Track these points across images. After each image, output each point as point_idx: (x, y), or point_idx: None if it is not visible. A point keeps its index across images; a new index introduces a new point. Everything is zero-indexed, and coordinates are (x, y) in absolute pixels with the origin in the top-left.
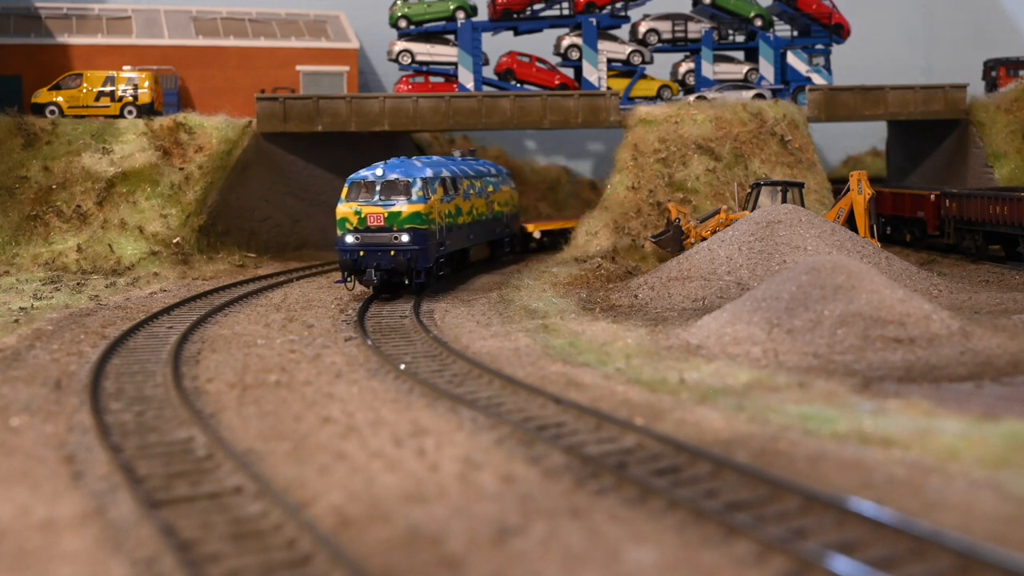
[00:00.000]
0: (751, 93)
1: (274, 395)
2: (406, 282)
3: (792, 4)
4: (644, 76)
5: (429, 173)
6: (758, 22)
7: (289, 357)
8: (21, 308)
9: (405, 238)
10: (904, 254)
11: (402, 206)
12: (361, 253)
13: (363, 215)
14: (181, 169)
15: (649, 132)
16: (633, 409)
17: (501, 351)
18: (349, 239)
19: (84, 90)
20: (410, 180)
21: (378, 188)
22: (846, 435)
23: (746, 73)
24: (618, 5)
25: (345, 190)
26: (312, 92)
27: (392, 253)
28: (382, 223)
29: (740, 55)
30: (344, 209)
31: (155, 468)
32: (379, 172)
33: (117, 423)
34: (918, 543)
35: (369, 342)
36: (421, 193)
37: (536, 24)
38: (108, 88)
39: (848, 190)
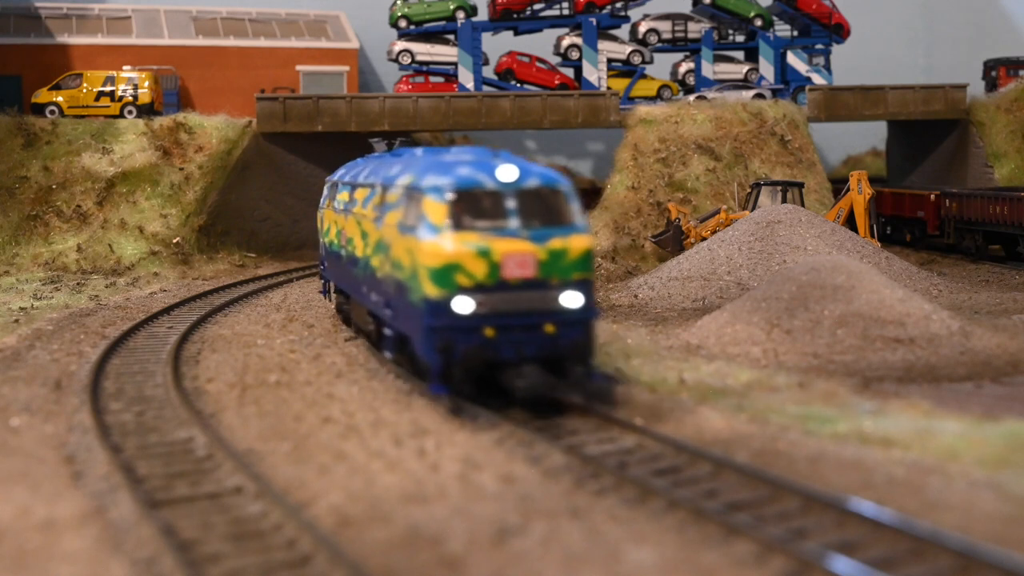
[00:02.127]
0: (751, 93)
1: (274, 395)
2: (563, 378)
3: (792, 4)
4: (644, 76)
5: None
6: (758, 22)
7: (289, 357)
8: (21, 308)
9: (574, 299)
10: (904, 254)
11: (567, 239)
12: (490, 333)
13: (496, 259)
14: (181, 169)
15: (649, 132)
16: (633, 409)
17: None
18: (463, 305)
19: (84, 90)
20: (563, 189)
21: (511, 205)
22: (846, 435)
23: (746, 73)
24: (618, 5)
25: (438, 206)
26: (312, 92)
27: (550, 329)
28: (533, 273)
29: (740, 55)
30: (451, 246)
31: (155, 468)
32: (508, 173)
33: (117, 423)
34: (918, 543)
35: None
36: (584, 214)
37: (536, 24)
38: (108, 88)
39: (848, 190)
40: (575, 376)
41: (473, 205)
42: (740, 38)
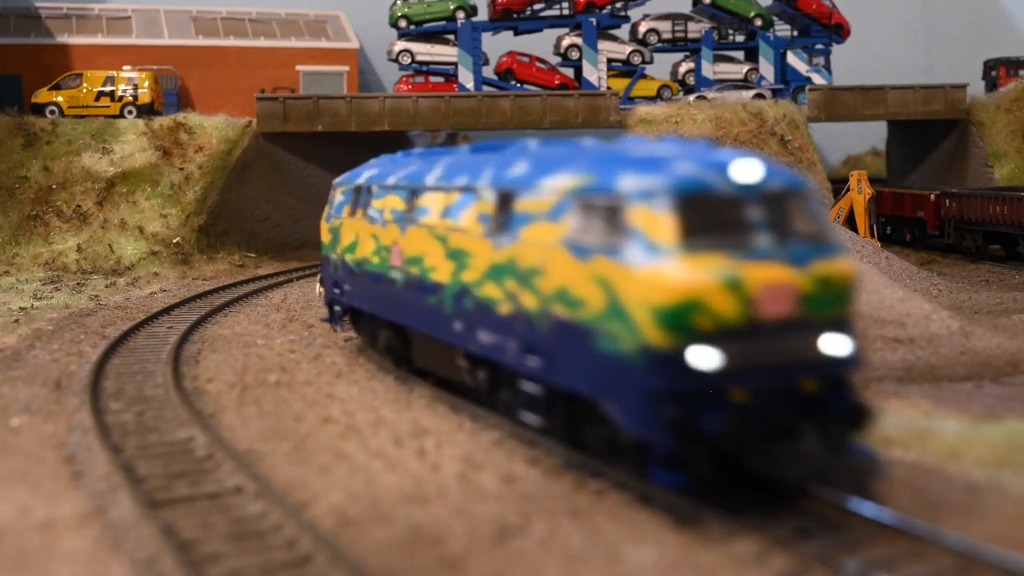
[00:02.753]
0: (751, 93)
1: (274, 395)
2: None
3: (792, 4)
4: (644, 76)
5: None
6: (758, 22)
7: (289, 357)
8: (21, 308)
9: (840, 344)
10: (904, 254)
11: (830, 262)
12: (739, 397)
13: (750, 292)
14: (181, 169)
15: (649, 132)
16: None
17: None
18: (706, 359)
19: (84, 90)
20: (811, 193)
21: (757, 215)
22: None
23: (746, 73)
24: (618, 5)
25: (659, 218)
26: (312, 92)
27: (810, 387)
28: (793, 310)
29: (740, 55)
30: (688, 275)
31: (155, 468)
32: (747, 171)
33: (117, 423)
34: (918, 543)
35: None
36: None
37: (536, 24)
38: (108, 88)
39: (848, 190)
40: (837, 448)
41: (707, 216)
42: (740, 38)
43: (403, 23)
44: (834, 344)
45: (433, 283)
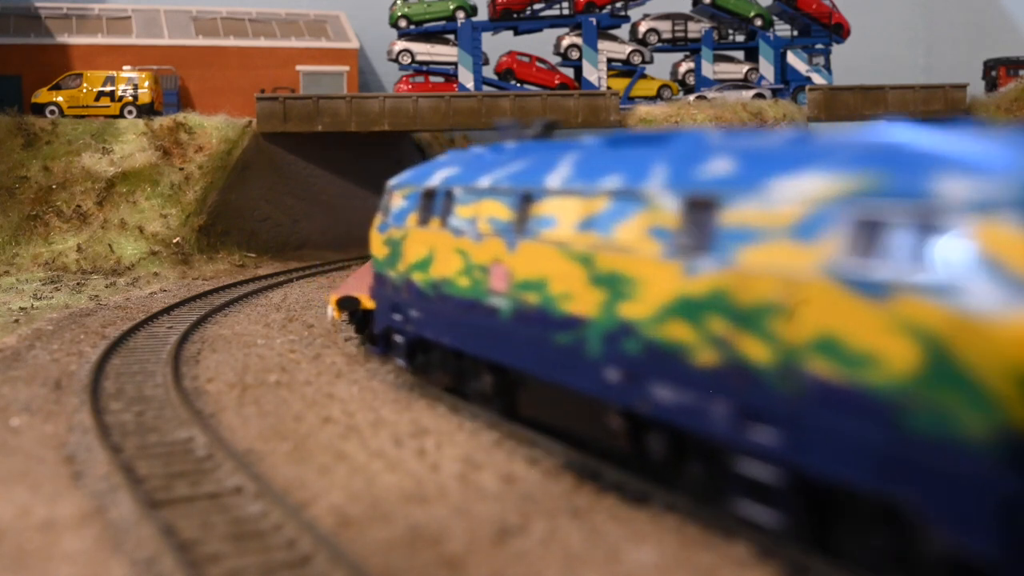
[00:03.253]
0: (751, 93)
1: (274, 395)
2: None
3: (792, 4)
4: (644, 76)
5: None
6: (758, 22)
7: (289, 357)
8: (21, 308)
9: None
10: None
11: None
12: None
13: None
14: (181, 169)
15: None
16: None
17: None
18: None
19: (84, 90)
20: None
21: None
22: None
23: (746, 73)
24: (618, 5)
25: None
26: (312, 92)
27: None
28: None
29: (740, 55)
30: None
31: (155, 468)
32: None
33: (117, 423)
34: None
35: None
36: None
37: (536, 24)
38: (108, 88)
39: None
40: None
41: None
42: (740, 38)
43: (403, 23)
44: None
45: (566, 316)
